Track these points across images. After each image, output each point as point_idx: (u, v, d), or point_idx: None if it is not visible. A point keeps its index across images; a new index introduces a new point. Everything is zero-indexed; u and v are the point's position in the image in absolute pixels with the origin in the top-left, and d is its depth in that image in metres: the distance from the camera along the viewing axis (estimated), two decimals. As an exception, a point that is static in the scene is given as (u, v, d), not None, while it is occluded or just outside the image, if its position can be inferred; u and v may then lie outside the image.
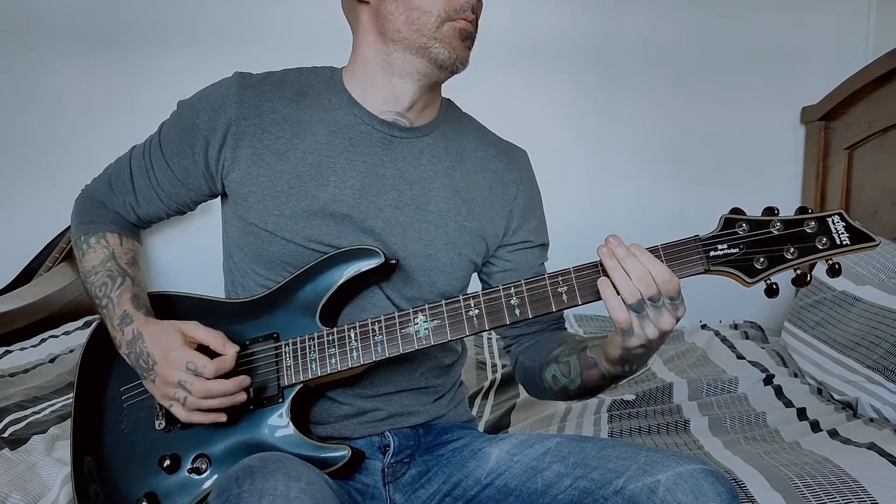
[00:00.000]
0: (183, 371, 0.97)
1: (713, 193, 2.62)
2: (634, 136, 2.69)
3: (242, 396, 0.99)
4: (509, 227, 1.16)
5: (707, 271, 0.92)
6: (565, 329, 1.21)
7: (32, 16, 2.67)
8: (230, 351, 1.00)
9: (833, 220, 0.91)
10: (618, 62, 2.66)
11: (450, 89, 1.21)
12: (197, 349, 1.00)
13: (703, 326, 2.29)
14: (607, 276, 0.91)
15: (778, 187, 2.64)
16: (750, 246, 0.91)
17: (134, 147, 1.17)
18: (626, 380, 1.07)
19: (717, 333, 2.11)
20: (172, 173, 1.11)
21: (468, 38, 1.05)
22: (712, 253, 0.92)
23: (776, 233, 0.91)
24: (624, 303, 0.90)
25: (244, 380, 0.99)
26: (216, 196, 1.14)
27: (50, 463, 1.33)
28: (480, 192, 1.14)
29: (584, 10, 2.65)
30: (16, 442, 1.44)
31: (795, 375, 1.76)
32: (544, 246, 1.21)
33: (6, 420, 1.58)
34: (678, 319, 0.93)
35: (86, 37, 2.68)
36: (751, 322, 2.27)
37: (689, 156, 2.68)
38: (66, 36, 2.68)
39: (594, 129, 2.70)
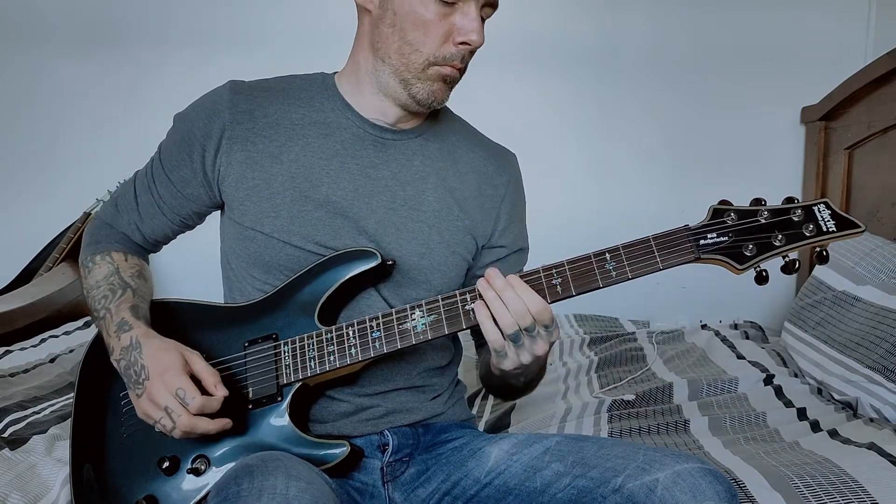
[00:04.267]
0: (172, 397, 0.96)
1: (713, 193, 2.58)
2: (634, 136, 2.69)
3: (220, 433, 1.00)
4: (495, 229, 1.17)
5: (697, 259, 0.94)
6: None
7: (33, 17, 2.68)
8: (219, 394, 0.98)
9: (819, 208, 0.93)
10: (617, 62, 2.67)
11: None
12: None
13: (704, 326, 2.29)
14: (484, 302, 0.95)
15: (778, 187, 2.64)
16: (738, 234, 0.94)
17: (137, 171, 1.19)
18: (529, 391, 1.19)
19: (717, 333, 2.11)
20: (173, 185, 1.12)
21: (451, 82, 1.06)
22: (702, 242, 0.94)
23: (763, 221, 0.93)
24: (502, 333, 0.94)
25: (227, 423, 0.99)
26: (218, 207, 1.15)
27: (50, 463, 1.32)
28: (471, 192, 1.15)
29: (583, 10, 2.65)
30: (16, 442, 1.44)
31: (795, 375, 1.76)
32: (523, 251, 1.23)
33: (6, 420, 1.58)
34: (552, 344, 0.98)
35: (87, 38, 2.69)
36: (751, 322, 2.26)
37: (689, 156, 2.68)
38: (68, 37, 2.68)
39: (594, 130, 2.70)
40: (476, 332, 1.24)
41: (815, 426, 1.46)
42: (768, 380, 1.70)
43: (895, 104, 2.07)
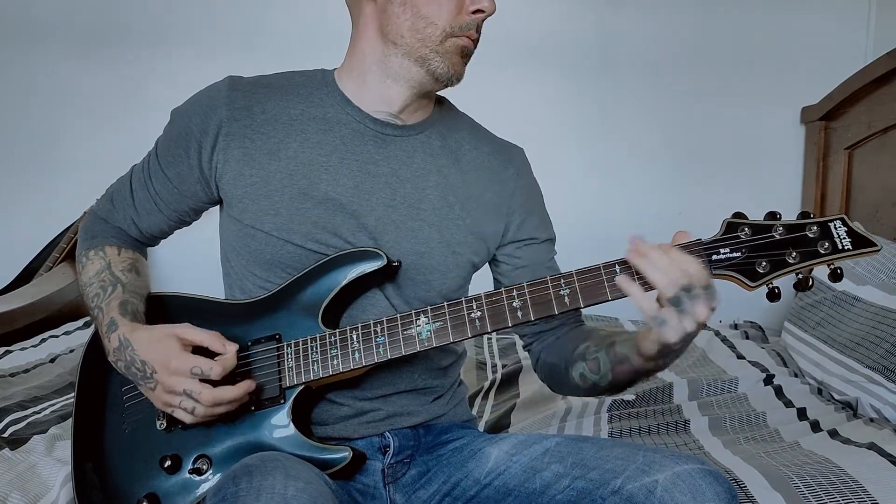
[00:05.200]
0: (188, 378, 0.96)
1: (713, 193, 2.63)
2: (634, 136, 2.69)
3: (246, 397, 1.00)
4: (510, 224, 1.15)
5: (709, 275, 0.92)
6: (584, 324, 1.19)
7: (32, 16, 2.68)
8: (230, 349, 0.99)
9: (835, 224, 0.91)
10: (618, 62, 2.66)
11: (451, 89, 1.21)
12: (193, 351, 0.99)
13: (704, 326, 2.28)
14: (631, 274, 0.91)
15: (778, 187, 2.64)
16: (752, 250, 0.91)
17: (134, 165, 1.18)
18: (658, 373, 1.08)
19: (717, 333, 2.11)
20: (169, 181, 1.11)
21: (467, 55, 1.06)
22: (714, 257, 0.92)
23: (778, 237, 0.91)
24: (664, 297, 0.89)
25: (250, 384, 0.99)
26: (216, 203, 1.14)
27: (50, 463, 1.32)
28: (476, 190, 1.13)
29: (584, 10, 2.65)
30: (16, 442, 1.44)
31: (795, 375, 1.76)
32: (551, 241, 1.20)
33: (6, 420, 1.58)
34: (713, 310, 0.92)
35: (86, 38, 2.68)
36: (751, 322, 2.27)
37: (689, 156, 2.68)
38: (67, 37, 2.68)
39: (594, 129, 2.70)
40: (525, 335, 1.20)
41: (815, 426, 1.46)
42: (768, 380, 1.70)
43: (895, 104, 2.07)
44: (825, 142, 2.48)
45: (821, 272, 0.93)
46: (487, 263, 1.19)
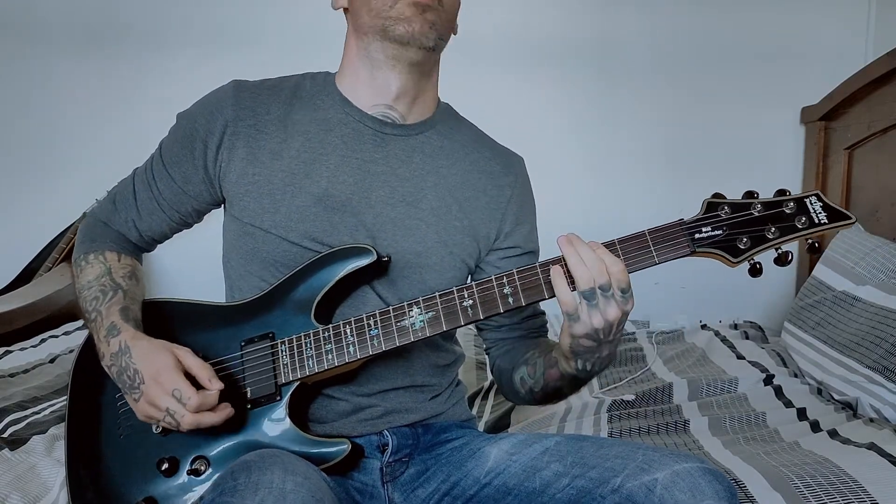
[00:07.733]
0: (170, 397, 0.96)
1: (712, 193, 2.62)
2: (634, 135, 2.68)
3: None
4: (501, 231, 1.17)
5: (693, 253, 0.95)
6: (545, 336, 1.22)
7: (32, 16, 2.68)
8: (214, 387, 0.98)
9: (811, 200, 0.94)
10: (617, 62, 2.66)
11: (450, 89, 1.21)
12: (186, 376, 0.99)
13: (703, 326, 2.29)
14: (563, 265, 0.94)
15: (778, 187, 2.63)
16: (732, 227, 0.95)
17: (136, 168, 1.18)
18: (584, 385, 1.12)
19: (717, 333, 2.11)
20: (173, 181, 1.12)
21: (426, 10, 1.03)
22: (697, 235, 0.95)
23: (757, 214, 0.95)
24: (577, 289, 0.92)
25: (230, 412, 0.99)
26: (219, 204, 1.15)
27: (50, 463, 1.33)
28: (473, 192, 1.14)
29: (583, 9, 2.65)
30: (16, 442, 1.44)
31: (795, 375, 1.76)
32: (533, 253, 1.21)
33: (6, 420, 1.59)
34: (626, 314, 0.95)
35: (86, 38, 2.68)
36: (751, 322, 2.26)
37: (689, 156, 2.68)
38: (67, 37, 2.68)
39: (593, 129, 2.70)
40: (487, 339, 1.23)
41: (815, 426, 1.46)
42: (768, 380, 1.70)
43: (895, 104, 2.07)
44: (825, 142, 2.48)
45: (821, 271, 0.94)
46: None
